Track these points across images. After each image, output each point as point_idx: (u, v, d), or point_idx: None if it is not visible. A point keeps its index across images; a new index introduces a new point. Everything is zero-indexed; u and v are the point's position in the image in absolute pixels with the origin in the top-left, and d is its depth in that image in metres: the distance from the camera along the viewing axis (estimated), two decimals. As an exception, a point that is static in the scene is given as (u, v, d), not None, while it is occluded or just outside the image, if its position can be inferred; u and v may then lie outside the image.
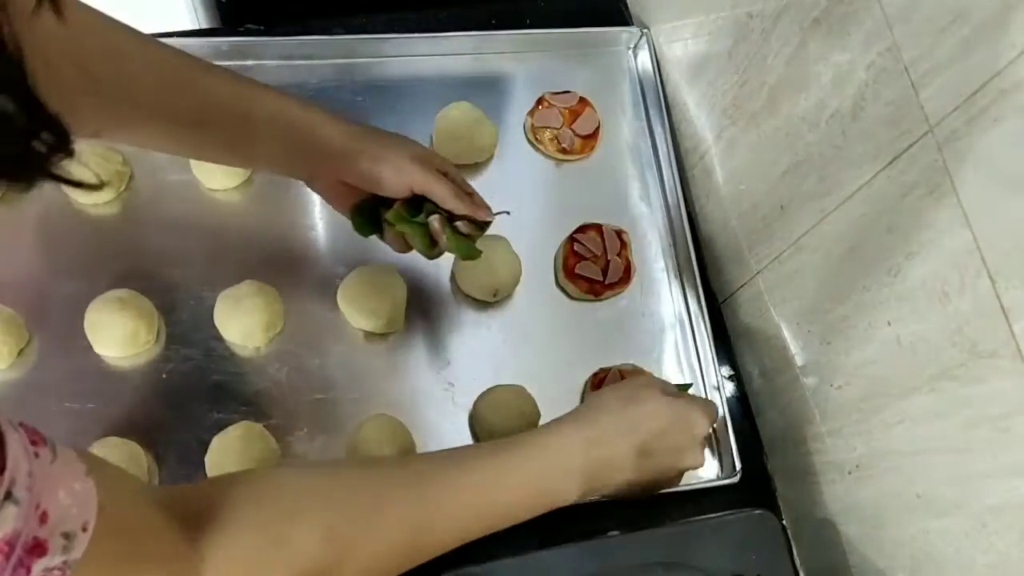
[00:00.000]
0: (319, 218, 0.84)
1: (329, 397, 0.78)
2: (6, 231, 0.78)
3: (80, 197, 0.79)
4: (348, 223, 0.84)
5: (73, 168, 0.30)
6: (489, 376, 0.80)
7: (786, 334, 0.79)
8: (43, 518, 0.34)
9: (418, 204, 0.69)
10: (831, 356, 0.72)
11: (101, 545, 0.37)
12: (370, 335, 0.80)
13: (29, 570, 0.33)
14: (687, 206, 0.89)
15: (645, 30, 0.95)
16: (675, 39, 0.91)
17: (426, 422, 0.78)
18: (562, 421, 0.63)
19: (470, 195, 0.69)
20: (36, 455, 0.34)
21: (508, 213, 0.72)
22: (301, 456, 0.75)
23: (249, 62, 0.87)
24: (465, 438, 0.78)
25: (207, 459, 0.72)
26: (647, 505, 0.78)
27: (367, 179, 0.66)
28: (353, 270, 0.80)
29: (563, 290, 0.85)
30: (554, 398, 0.80)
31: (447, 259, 0.83)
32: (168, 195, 0.82)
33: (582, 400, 0.81)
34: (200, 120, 0.63)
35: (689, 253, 0.87)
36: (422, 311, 0.81)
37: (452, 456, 0.58)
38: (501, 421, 0.76)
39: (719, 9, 0.80)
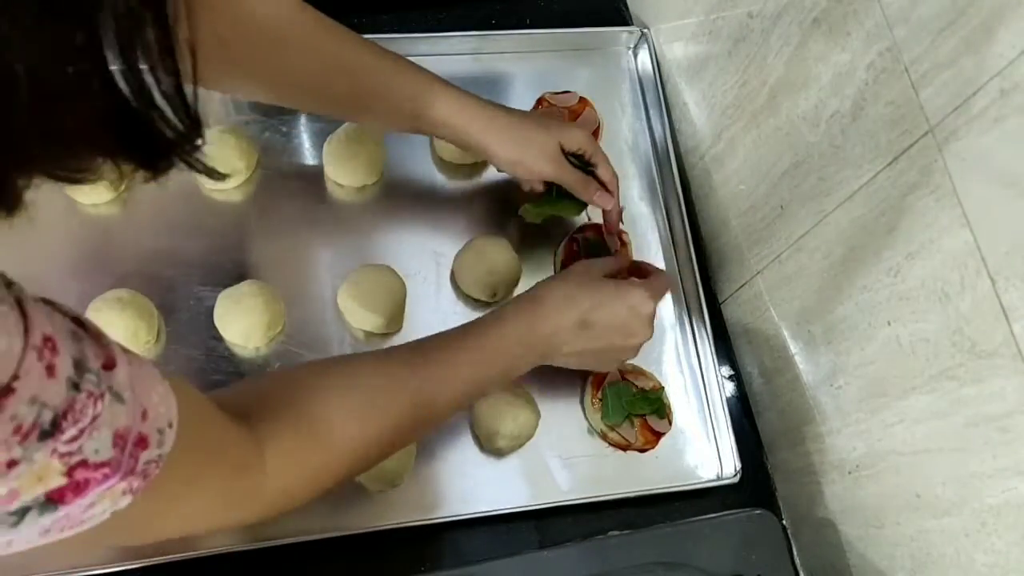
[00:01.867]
0: (319, 218, 0.84)
1: (329, 397, 0.78)
2: (6, 231, 0.78)
3: (81, 197, 0.79)
4: (347, 223, 0.84)
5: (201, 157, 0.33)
6: (489, 376, 0.80)
7: (786, 334, 0.79)
8: (144, 415, 0.38)
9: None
10: (831, 356, 0.72)
11: (183, 441, 0.41)
12: (370, 335, 0.80)
13: (137, 460, 0.38)
14: (687, 206, 0.89)
15: (645, 30, 0.95)
16: (675, 39, 0.91)
17: (426, 422, 0.78)
18: (513, 305, 0.69)
19: (602, 182, 0.79)
20: (129, 362, 0.38)
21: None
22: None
23: (249, 62, 0.87)
24: (465, 439, 0.78)
25: (207, 459, 0.72)
26: (647, 505, 0.79)
27: (509, 173, 0.77)
28: (353, 270, 0.80)
29: (563, 290, 0.85)
30: (554, 398, 0.80)
31: (447, 258, 0.83)
32: (168, 195, 0.82)
33: (581, 402, 0.81)
34: (351, 108, 0.73)
35: (689, 253, 0.87)
36: (422, 311, 0.81)
37: (436, 347, 0.64)
38: (501, 422, 0.76)
39: (719, 9, 0.80)
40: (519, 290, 0.84)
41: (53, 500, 0.34)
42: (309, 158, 0.86)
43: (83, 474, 0.35)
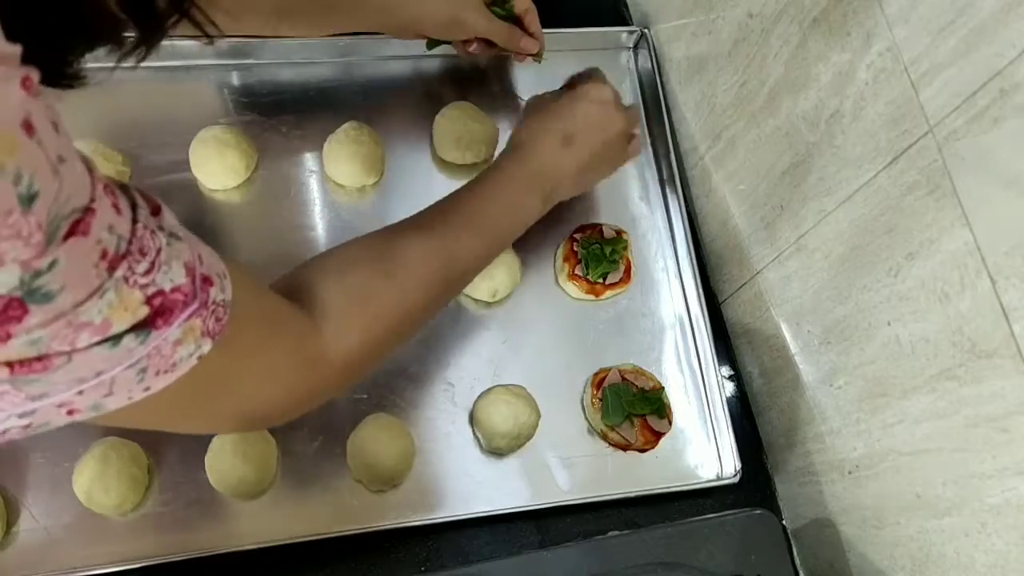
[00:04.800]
0: (319, 218, 0.84)
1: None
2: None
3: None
4: (347, 223, 0.84)
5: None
6: (489, 376, 0.80)
7: (786, 334, 0.79)
8: (200, 259, 0.41)
9: None
10: (831, 356, 0.72)
11: (243, 306, 0.44)
12: (370, 335, 0.80)
13: (208, 296, 0.41)
14: (687, 206, 0.89)
15: (645, 30, 0.95)
16: (675, 39, 0.91)
17: (426, 422, 0.78)
18: (499, 160, 0.72)
19: (531, 34, 0.84)
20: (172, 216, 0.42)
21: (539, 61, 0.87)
22: (301, 456, 0.75)
23: (249, 62, 0.87)
24: (466, 438, 0.78)
25: (207, 459, 0.72)
26: (647, 505, 0.79)
27: (443, 35, 0.81)
28: (353, 270, 0.79)
29: (563, 290, 0.86)
30: (554, 398, 0.80)
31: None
32: (168, 195, 0.81)
33: (581, 402, 0.81)
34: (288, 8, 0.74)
35: (689, 253, 0.87)
36: (422, 311, 0.81)
37: (450, 209, 0.66)
38: (501, 421, 0.76)
39: (719, 9, 0.80)
40: (519, 292, 0.84)
41: (144, 324, 0.37)
42: (309, 158, 0.86)
43: (162, 300, 0.38)
